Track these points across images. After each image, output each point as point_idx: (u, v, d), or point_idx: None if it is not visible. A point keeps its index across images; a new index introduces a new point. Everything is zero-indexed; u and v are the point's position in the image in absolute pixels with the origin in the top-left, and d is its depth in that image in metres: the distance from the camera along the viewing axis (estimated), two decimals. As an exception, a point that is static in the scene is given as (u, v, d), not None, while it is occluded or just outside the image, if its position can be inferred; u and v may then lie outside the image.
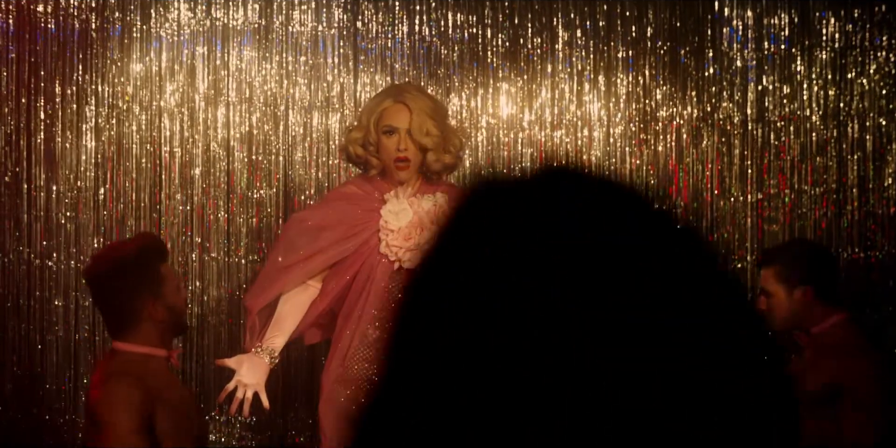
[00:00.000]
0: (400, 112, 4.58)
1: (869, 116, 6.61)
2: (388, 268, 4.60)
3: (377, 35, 6.30)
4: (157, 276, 4.09)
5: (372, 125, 4.59)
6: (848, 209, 6.58)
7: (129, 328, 4.09)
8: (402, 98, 4.59)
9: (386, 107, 4.61)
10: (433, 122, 4.58)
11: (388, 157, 4.58)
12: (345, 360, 4.61)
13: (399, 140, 4.55)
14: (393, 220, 4.57)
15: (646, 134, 6.50)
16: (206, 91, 6.19)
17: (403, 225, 4.55)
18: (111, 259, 4.15)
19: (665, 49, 6.51)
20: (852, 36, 6.60)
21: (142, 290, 4.05)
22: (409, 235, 4.54)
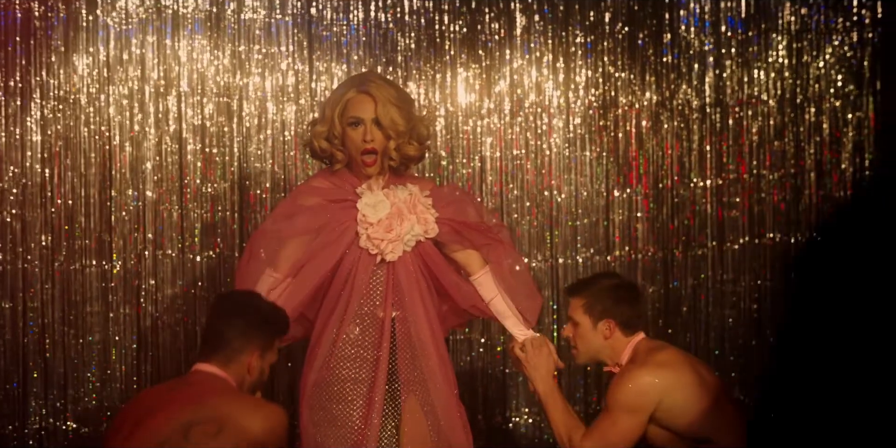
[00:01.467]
0: (364, 102, 4.44)
1: (825, 100, 6.58)
2: (369, 262, 4.47)
3: (332, 22, 6.12)
4: (271, 342, 4.01)
5: (336, 117, 4.45)
6: (806, 193, 6.56)
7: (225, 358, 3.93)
8: (365, 88, 4.44)
9: (350, 98, 4.46)
10: (399, 111, 4.44)
11: (354, 149, 4.45)
12: (329, 360, 4.44)
13: (365, 131, 4.42)
14: (371, 212, 4.43)
15: (605, 120, 6.40)
16: (156, 82, 5.96)
17: (383, 217, 4.43)
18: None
19: (623, 33, 6.41)
20: (808, 19, 6.55)
21: (256, 342, 3.95)
22: (389, 227, 4.43)
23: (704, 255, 6.47)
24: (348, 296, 4.45)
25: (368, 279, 4.48)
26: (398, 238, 4.44)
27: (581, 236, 6.36)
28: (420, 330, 4.50)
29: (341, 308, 4.45)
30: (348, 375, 4.44)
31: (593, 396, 6.36)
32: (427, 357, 4.50)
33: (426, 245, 4.51)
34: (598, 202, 6.38)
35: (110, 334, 5.92)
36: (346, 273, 4.47)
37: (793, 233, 6.55)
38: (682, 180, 6.47)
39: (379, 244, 4.43)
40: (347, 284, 4.46)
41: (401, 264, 4.49)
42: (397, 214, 4.44)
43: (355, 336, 4.45)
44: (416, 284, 4.49)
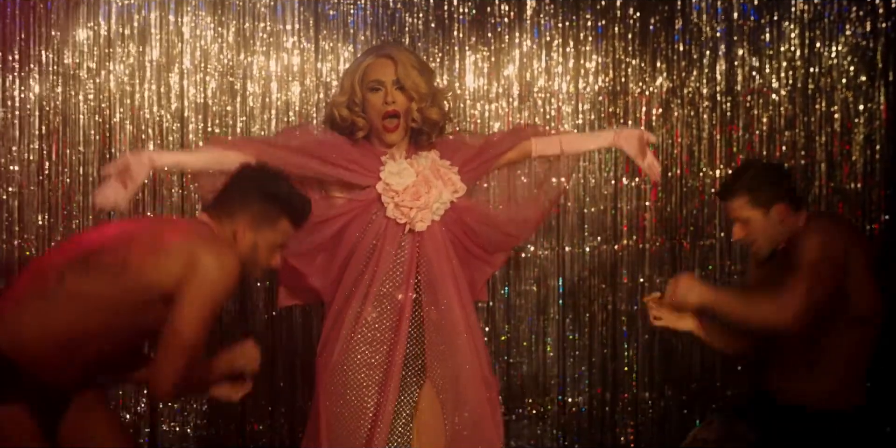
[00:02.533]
0: (384, 66, 4.30)
1: (837, 90, 6.49)
2: (397, 232, 4.28)
3: (339, 1, 5.99)
4: (275, 219, 3.87)
5: (357, 84, 4.29)
6: (816, 185, 6.47)
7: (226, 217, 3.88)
8: (385, 52, 4.32)
9: (369, 63, 4.32)
10: (420, 74, 4.31)
11: (375, 114, 4.29)
12: (349, 344, 4.25)
13: (386, 93, 4.27)
14: (396, 181, 4.26)
15: (615, 107, 6.29)
16: (158, 59, 5.81)
17: (409, 184, 4.26)
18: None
19: (635, 19, 6.30)
20: (821, 8, 6.46)
21: (254, 211, 3.86)
22: (416, 194, 4.26)
23: (713, 245, 6.37)
24: (372, 272, 4.26)
25: (395, 250, 4.28)
26: (426, 206, 4.27)
27: (588, 225, 6.25)
28: (451, 311, 4.32)
29: (363, 287, 4.26)
30: (363, 360, 4.27)
31: (598, 388, 6.25)
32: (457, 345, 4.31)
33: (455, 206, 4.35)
34: (606, 190, 6.27)
35: (107, 316, 5.75)
36: (370, 246, 4.28)
37: (802, 225, 6.45)
38: (691, 169, 6.37)
39: (408, 212, 4.26)
40: (372, 260, 4.27)
41: (429, 236, 4.31)
42: (424, 182, 4.28)
43: (373, 319, 4.26)
44: (446, 258, 4.32)
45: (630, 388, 6.28)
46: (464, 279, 4.36)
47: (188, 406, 5.88)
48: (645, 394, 6.30)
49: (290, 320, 5.91)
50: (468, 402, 4.31)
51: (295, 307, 5.83)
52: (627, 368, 6.28)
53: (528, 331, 6.19)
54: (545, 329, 6.20)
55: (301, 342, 5.90)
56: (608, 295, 6.26)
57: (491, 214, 4.44)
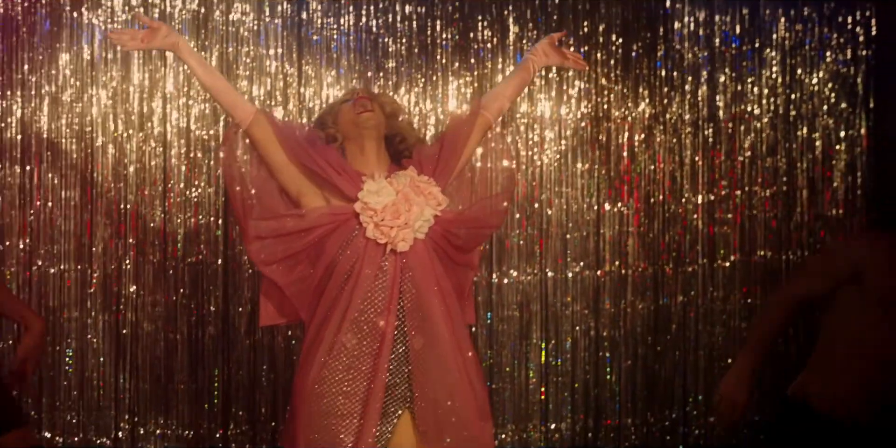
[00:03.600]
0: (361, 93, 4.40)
1: (819, 116, 6.52)
2: (377, 254, 4.13)
3: (322, 26, 5.99)
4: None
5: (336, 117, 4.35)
6: (798, 211, 6.49)
7: None
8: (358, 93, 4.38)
9: (346, 98, 4.40)
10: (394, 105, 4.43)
11: (347, 118, 4.30)
12: (326, 370, 4.11)
13: (357, 97, 4.32)
14: (374, 199, 4.14)
15: (597, 133, 6.30)
16: (141, 83, 5.80)
17: (389, 202, 4.14)
18: None
19: (617, 45, 6.32)
20: (802, 35, 6.50)
21: None
22: (396, 213, 4.12)
23: (695, 271, 6.38)
24: (349, 297, 4.09)
25: (374, 272, 4.12)
26: (408, 224, 4.14)
27: (571, 250, 6.25)
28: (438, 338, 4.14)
29: (339, 312, 4.10)
30: (340, 388, 4.12)
31: (581, 414, 6.23)
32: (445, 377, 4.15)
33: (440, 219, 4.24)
34: (588, 216, 6.27)
35: (88, 341, 5.74)
36: (348, 268, 4.13)
37: (784, 251, 6.48)
38: (673, 195, 6.37)
39: (388, 232, 4.12)
40: (349, 283, 4.11)
41: (413, 256, 4.17)
42: (404, 199, 4.16)
43: (352, 345, 4.10)
44: (433, 279, 4.15)
45: (613, 415, 6.27)
46: (455, 302, 4.21)
47: (168, 432, 5.84)
48: (628, 420, 6.28)
49: (273, 346, 5.89)
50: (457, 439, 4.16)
51: (277, 331, 5.81)
52: (610, 394, 6.26)
53: (511, 356, 6.17)
54: (527, 354, 6.19)
55: (283, 367, 5.87)
56: (591, 321, 6.26)
57: (466, 214, 4.31)
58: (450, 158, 4.33)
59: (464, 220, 4.27)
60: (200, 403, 5.82)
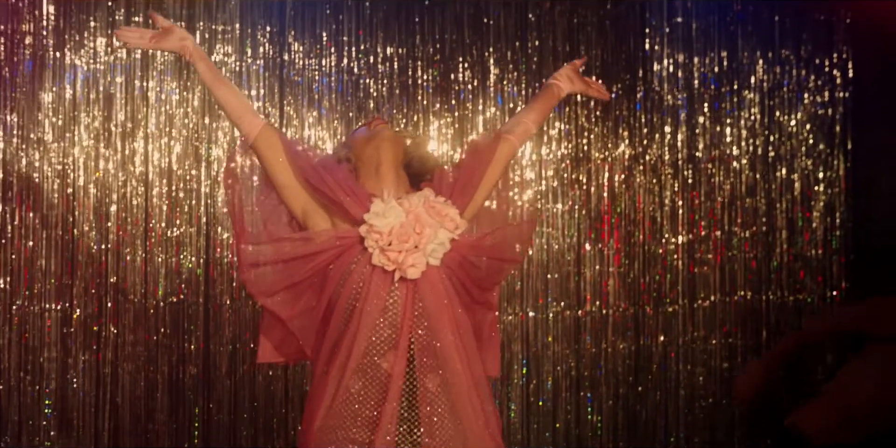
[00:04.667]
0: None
1: (797, 157, 6.57)
2: (384, 284, 3.65)
3: (304, 67, 6.03)
4: None
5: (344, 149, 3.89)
6: (777, 251, 6.52)
7: None
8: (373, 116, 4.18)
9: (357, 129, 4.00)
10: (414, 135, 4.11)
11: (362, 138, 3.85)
12: (332, 418, 3.66)
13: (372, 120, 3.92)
14: (380, 222, 3.66)
15: (578, 174, 6.34)
16: (123, 123, 5.82)
17: (396, 224, 3.67)
18: None
19: (597, 87, 6.37)
20: (780, 77, 6.56)
21: None
22: (404, 236, 3.64)
23: (675, 311, 6.39)
24: (353, 334, 3.62)
25: (382, 309, 3.64)
26: (418, 248, 3.65)
27: (552, 290, 6.26)
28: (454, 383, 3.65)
29: (344, 351, 3.63)
30: (348, 437, 3.67)
31: None
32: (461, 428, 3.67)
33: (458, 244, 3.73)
34: (569, 256, 6.29)
35: (68, 381, 5.71)
36: (350, 300, 3.66)
37: (764, 291, 6.50)
38: (653, 236, 6.40)
39: (396, 257, 3.64)
40: (353, 318, 3.63)
41: (426, 285, 3.66)
42: (415, 221, 3.68)
43: (356, 390, 3.65)
44: (447, 310, 3.67)
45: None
46: (472, 340, 3.73)
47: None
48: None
49: (254, 385, 5.87)
50: None
51: (258, 371, 5.80)
52: (592, 434, 6.25)
53: (493, 396, 6.16)
54: (509, 394, 6.18)
55: (264, 407, 5.85)
56: (572, 360, 6.26)
57: (484, 241, 3.78)
58: (468, 181, 3.86)
59: (483, 247, 3.76)
60: (181, 443, 5.79)
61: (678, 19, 6.47)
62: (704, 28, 6.50)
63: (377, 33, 6.10)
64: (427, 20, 6.17)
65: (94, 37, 5.77)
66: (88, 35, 5.76)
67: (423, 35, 6.15)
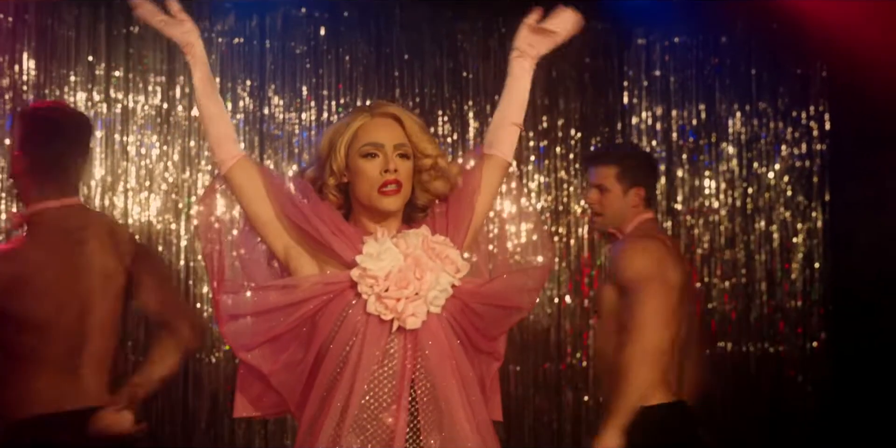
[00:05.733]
0: (385, 126, 3.30)
1: (776, 209, 6.60)
2: (381, 333, 3.24)
3: (284, 121, 6.05)
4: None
5: (342, 149, 3.28)
6: (757, 303, 6.53)
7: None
8: (382, 110, 3.32)
9: (363, 123, 3.30)
10: (429, 137, 3.37)
11: (368, 185, 3.27)
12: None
13: (386, 160, 3.25)
14: (374, 265, 3.24)
15: (557, 226, 6.35)
16: (103, 177, 5.82)
17: (393, 269, 3.24)
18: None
19: (576, 139, 6.41)
20: (758, 129, 6.60)
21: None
22: (404, 281, 3.24)
23: (656, 363, 6.38)
24: (348, 388, 3.22)
25: (379, 361, 3.24)
26: (419, 295, 3.25)
27: (533, 343, 6.26)
28: (459, 440, 3.24)
29: (336, 406, 3.23)
30: None
31: None
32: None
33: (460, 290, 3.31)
34: (549, 308, 6.29)
35: (46, 436, 5.67)
36: (343, 351, 3.24)
37: (744, 342, 6.50)
38: (633, 287, 6.40)
39: (395, 306, 3.24)
40: (346, 371, 3.23)
41: (427, 335, 3.28)
42: (414, 264, 3.26)
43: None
44: (450, 365, 3.29)
45: (576, 508, 6.24)
46: (478, 393, 3.35)
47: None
48: (590, 514, 6.25)
49: (234, 439, 5.85)
50: None
51: (239, 423, 5.77)
52: (573, 487, 6.24)
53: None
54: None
55: None
56: (553, 413, 6.24)
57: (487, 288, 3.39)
58: (459, 214, 3.46)
59: (484, 294, 3.37)
60: (159, 499, 5.76)
61: (656, 72, 6.52)
62: (682, 81, 6.55)
63: (357, 87, 6.13)
64: (406, 74, 6.21)
65: (75, 91, 5.78)
66: (69, 90, 5.77)
67: (402, 89, 6.18)
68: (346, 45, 6.13)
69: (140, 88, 5.86)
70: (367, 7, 6.15)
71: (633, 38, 6.53)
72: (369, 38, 6.16)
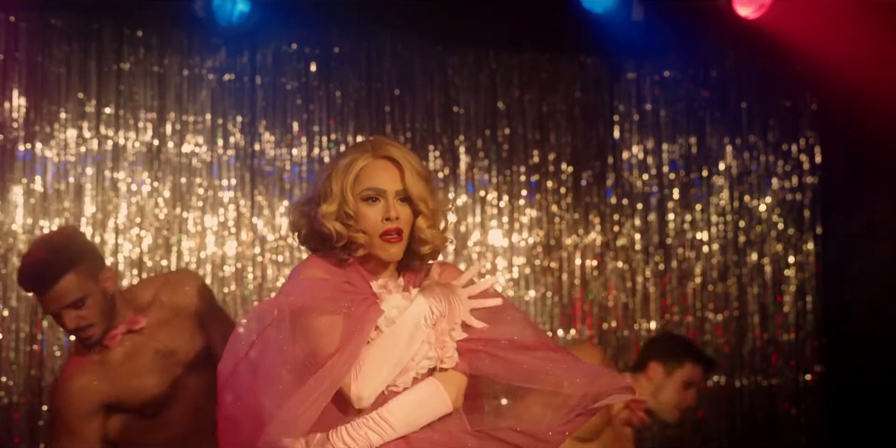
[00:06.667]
0: (385, 170, 3.24)
1: (768, 242, 6.60)
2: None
3: (275, 157, 6.03)
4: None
5: (348, 190, 3.21)
6: (749, 336, 6.52)
7: None
8: (384, 152, 3.24)
9: (364, 165, 3.24)
10: (426, 185, 3.26)
11: (370, 231, 3.20)
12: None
13: (387, 207, 3.20)
14: (387, 327, 3.17)
15: (549, 260, 6.34)
16: (93, 214, 5.80)
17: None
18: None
19: (567, 174, 6.40)
20: (749, 163, 6.61)
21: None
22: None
23: (649, 397, 6.36)
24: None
25: None
26: (411, 365, 3.16)
27: (525, 377, 6.23)
28: None
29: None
30: None
31: None
32: None
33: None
34: (542, 343, 6.26)
35: (37, 477, 5.63)
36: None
37: (738, 376, 6.49)
38: (626, 321, 6.40)
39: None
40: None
41: None
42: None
43: None
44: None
45: None
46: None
47: None
48: None
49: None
50: None
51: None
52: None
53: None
54: (483, 484, 6.12)
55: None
56: None
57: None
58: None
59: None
60: None
61: (647, 106, 6.53)
62: (672, 115, 6.56)
63: (348, 122, 6.13)
64: (397, 109, 6.21)
65: (65, 128, 5.76)
66: (59, 126, 5.75)
67: (393, 124, 6.17)
68: (337, 81, 6.12)
69: (130, 125, 5.84)
70: (357, 42, 6.15)
71: (623, 72, 6.54)
72: (360, 72, 6.16)
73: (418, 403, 3.12)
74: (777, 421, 6.51)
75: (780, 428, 6.52)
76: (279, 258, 5.99)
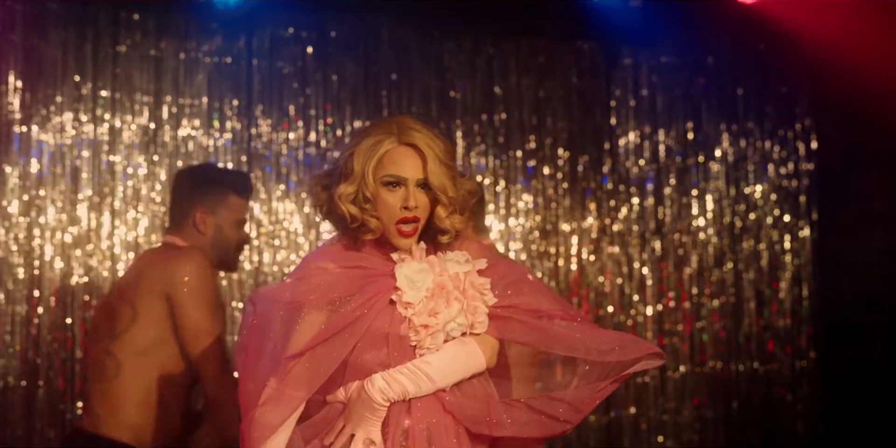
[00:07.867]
0: (408, 158, 3.18)
1: (763, 228, 6.60)
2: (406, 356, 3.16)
3: (271, 141, 6.03)
4: (221, 197, 4.26)
5: (370, 173, 3.18)
6: (746, 322, 6.52)
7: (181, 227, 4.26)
8: (409, 138, 3.19)
9: (388, 149, 3.19)
10: (449, 172, 3.21)
11: (387, 216, 3.18)
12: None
13: (407, 195, 3.17)
14: (409, 287, 3.17)
15: (546, 246, 6.34)
16: (90, 197, 5.79)
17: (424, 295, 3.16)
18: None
19: (564, 159, 6.40)
20: (746, 149, 6.61)
21: (199, 199, 4.23)
22: (434, 310, 3.16)
23: (646, 383, 6.37)
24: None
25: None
26: (441, 327, 3.15)
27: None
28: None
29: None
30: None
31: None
32: None
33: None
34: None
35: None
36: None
37: (734, 361, 6.49)
38: (623, 307, 6.39)
39: (421, 332, 3.15)
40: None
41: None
42: (441, 293, 3.18)
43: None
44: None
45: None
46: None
47: None
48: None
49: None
50: None
51: None
52: (563, 508, 6.20)
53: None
54: (480, 468, 6.12)
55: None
56: (542, 434, 6.21)
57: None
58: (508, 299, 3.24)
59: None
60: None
61: (643, 92, 6.53)
62: (669, 101, 6.56)
63: (345, 107, 6.12)
64: (394, 94, 6.20)
65: (61, 111, 5.75)
66: (55, 110, 5.74)
67: (390, 108, 6.17)
68: (334, 65, 6.12)
69: (127, 108, 5.84)
70: (354, 27, 6.15)
71: (620, 58, 6.54)
72: (357, 57, 6.16)
73: (453, 356, 3.13)
74: (773, 407, 6.52)
75: (776, 414, 6.52)
76: (275, 242, 5.98)
